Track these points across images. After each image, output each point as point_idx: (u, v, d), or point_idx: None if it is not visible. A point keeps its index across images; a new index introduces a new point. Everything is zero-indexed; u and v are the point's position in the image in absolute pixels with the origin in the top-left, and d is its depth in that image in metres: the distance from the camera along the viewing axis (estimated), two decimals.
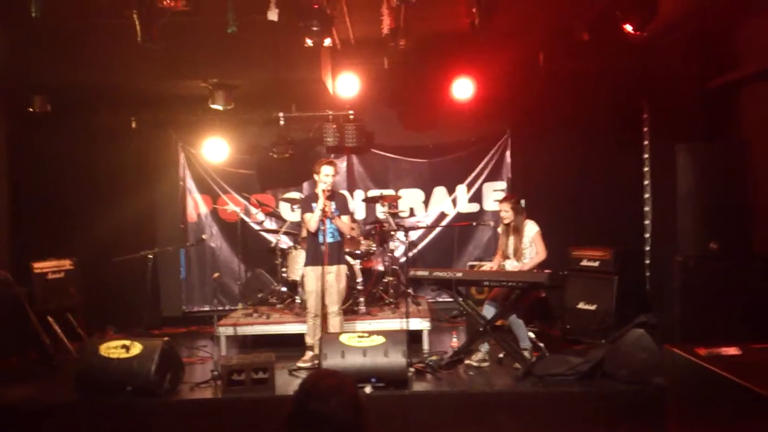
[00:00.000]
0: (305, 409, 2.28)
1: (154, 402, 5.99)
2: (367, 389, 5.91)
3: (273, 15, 6.44)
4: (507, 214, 7.00)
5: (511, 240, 7.04)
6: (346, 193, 9.50)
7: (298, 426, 2.29)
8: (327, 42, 7.13)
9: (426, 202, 10.29)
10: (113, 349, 6.15)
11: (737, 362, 3.93)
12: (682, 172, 6.55)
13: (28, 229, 8.61)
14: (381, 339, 6.22)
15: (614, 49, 7.87)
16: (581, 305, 7.88)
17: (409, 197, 10.23)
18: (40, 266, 7.87)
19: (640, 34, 6.48)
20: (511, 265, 7.03)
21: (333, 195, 7.03)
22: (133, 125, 9.55)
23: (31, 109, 8.21)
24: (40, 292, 7.74)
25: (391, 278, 8.81)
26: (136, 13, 6.13)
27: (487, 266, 7.41)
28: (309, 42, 6.76)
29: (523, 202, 7.25)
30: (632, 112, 9.20)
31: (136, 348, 6.13)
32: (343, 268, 7.10)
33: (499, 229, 7.29)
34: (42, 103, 8.24)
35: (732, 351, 4.13)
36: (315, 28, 6.61)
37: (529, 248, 6.96)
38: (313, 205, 6.83)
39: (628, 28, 6.45)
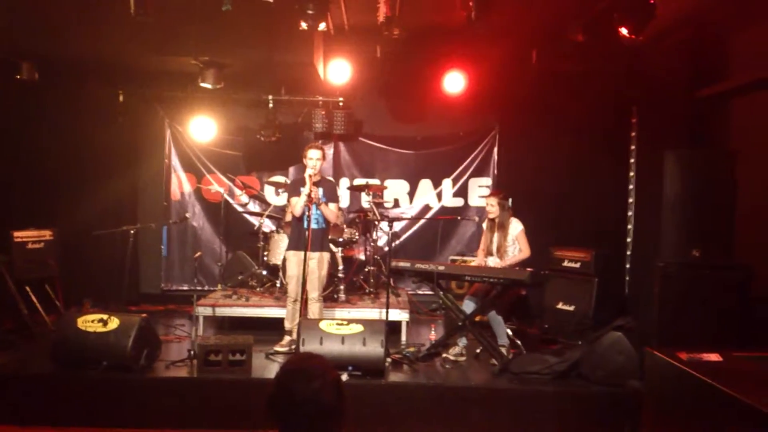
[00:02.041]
0: (288, 388, 2.28)
1: (130, 378, 5.95)
2: (344, 377, 5.90)
3: None
4: (493, 209, 7.01)
5: (495, 237, 7.06)
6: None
7: (280, 405, 2.29)
8: (321, 26, 7.10)
9: (411, 194, 10.28)
10: (91, 322, 6.10)
11: (718, 368, 3.97)
12: (669, 179, 6.53)
13: (9, 198, 8.50)
14: (360, 327, 6.22)
15: (607, 52, 7.90)
16: (560, 305, 7.93)
17: (395, 188, 10.20)
18: (20, 235, 7.77)
19: (635, 38, 6.49)
20: (493, 262, 7.05)
21: (321, 181, 7.02)
22: (121, 99, 9.42)
23: (18, 77, 8.10)
24: (19, 261, 7.65)
25: (372, 268, 8.82)
26: None
27: (474, 261, 7.42)
28: (303, 25, 6.70)
29: (510, 201, 7.26)
30: (621, 116, 9.24)
31: (114, 323, 6.08)
32: (326, 255, 7.07)
33: (484, 225, 7.31)
34: (30, 71, 8.13)
35: (713, 357, 4.18)
36: (310, 12, 6.56)
37: (512, 246, 6.99)
38: (301, 189, 6.80)
39: (624, 31, 6.45)
